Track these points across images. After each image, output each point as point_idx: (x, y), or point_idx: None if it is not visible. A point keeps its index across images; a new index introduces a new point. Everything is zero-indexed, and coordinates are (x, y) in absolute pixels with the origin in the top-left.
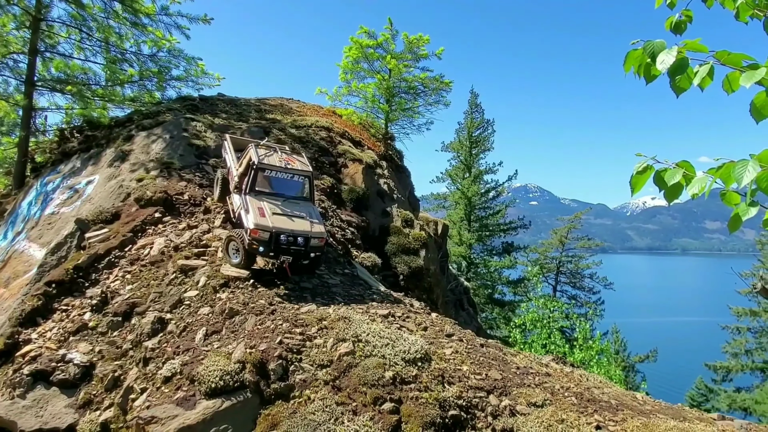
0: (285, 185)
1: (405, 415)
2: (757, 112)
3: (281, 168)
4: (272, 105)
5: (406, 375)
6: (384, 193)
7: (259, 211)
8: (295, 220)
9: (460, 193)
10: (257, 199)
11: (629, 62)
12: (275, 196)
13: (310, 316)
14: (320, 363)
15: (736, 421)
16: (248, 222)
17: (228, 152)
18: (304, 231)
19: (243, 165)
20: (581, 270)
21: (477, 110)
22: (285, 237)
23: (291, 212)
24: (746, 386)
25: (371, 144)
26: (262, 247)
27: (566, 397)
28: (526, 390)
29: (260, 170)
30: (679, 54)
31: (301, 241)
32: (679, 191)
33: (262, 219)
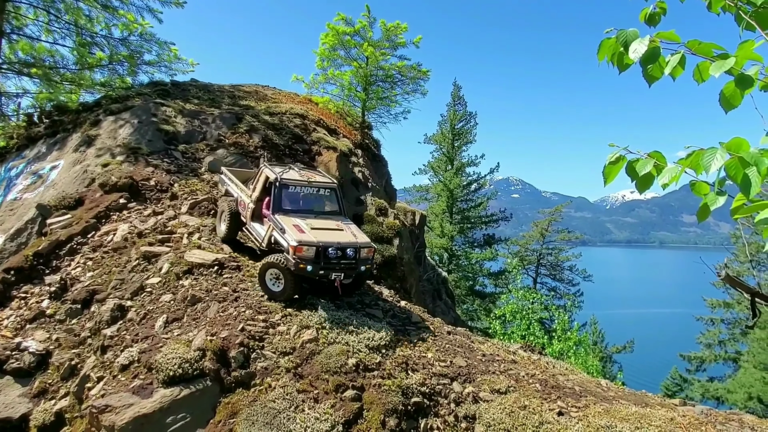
0: (312, 200)
1: (367, 403)
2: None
3: (305, 182)
4: (246, 92)
5: (369, 362)
6: (358, 182)
7: (296, 228)
8: (337, 233)
9: (443, 185)
10: (288, 217)
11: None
12: (305, 213)
13: (275, 303)
14: (283, 350)
15: (697, 406)
16: (289, 240)
17: (230, 183)
18: (352, 242)
19: (258, 188)
20: (561, 262)
21: (459, 103)
22: (333, 251)
23: (329, 226)
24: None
25: (347, 132)
26: (310, 266)
27: (530, 383)
28: (491, 377)
29: (284, 187)
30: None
31: (351, 254)
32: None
33: (302, 235)
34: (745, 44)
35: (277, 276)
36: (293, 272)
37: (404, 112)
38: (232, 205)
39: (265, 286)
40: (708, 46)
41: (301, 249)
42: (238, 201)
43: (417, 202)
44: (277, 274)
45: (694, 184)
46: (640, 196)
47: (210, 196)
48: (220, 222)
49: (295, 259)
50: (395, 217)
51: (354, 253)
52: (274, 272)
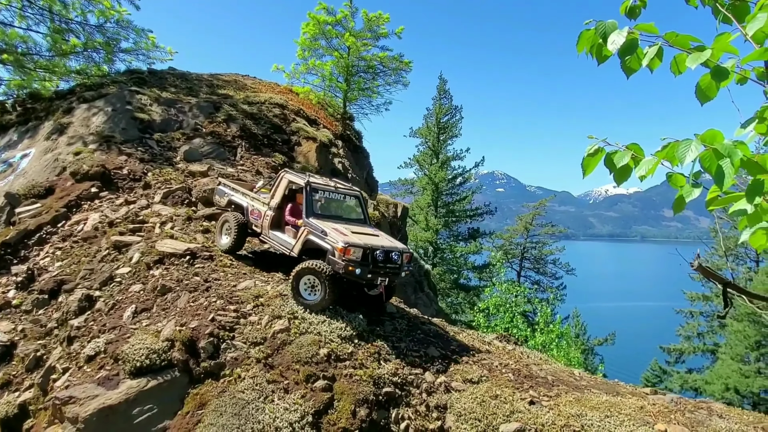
0: (339, 207)
1: (338, 393)
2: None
3: (332, 189)
4: (225, 81)
5: (341, 352)
6: (338, 173)
7: (337, 231)
8: (375, 238)
9: (428, 178)
10: (321, 221)
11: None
12: (334, 219)
13: (247, 293)
14: (254, 340)
15: (668, 395)
16: (335, 242)
17: (234, 193)
18: (394, 246)
19: (278, 194)
20: (545, 256)
21: (445, 96)
22: (381, 253)
23: (365, 231)
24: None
25: (328, 123)
26: (359, 269)
27: (503, 373)
28: (464, 367)
29: (314, 191)
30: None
31: (395, 257)
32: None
33: (348, 237)
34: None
35: (313, 284)
36: (334, 277)
37: (386, 103)
38: (239, 215)
39: (299, 295)
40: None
41: (349, 251)
42: (250, 210)
43: (402, 196)
44: (313, 282)
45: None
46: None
47: (185, 186)
48: (221, 234)
49: (344, 261)
50: (375, 208)
51: (398, 257)
52: (310, 280)
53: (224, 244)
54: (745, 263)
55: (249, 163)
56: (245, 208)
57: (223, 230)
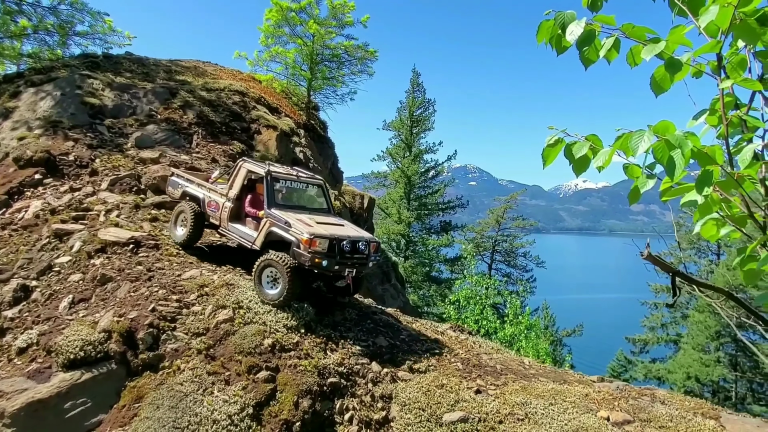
0: (302, 197)
1: (281, 384)
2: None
3: (294, 178)
4: (185, 67)
5: (286, 342)
6: (299, 162)
7: (301, 222)
8: (340, 227)
9: (400, 171)
10: (287, 212)
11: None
12: (297, 209)
13: (192, 282)
14: (196, 331)
15: (614, 383)
16: (299, 233)
17: (188, 184)
18: (361, 236)
19: (236, 184)
20: (516, 249)
21: (418, 89)
22: (348, 244)
23: (329, 221)
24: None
25: (291, 112)
26: (325, 261)
27: (452, 363)
28: (412, 356)
29: (275, 180)
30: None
31: (362, 247)
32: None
33: (313, 227)
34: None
35: (275, 277)
36: (297, 270)
37: (351, 92)
38: (195, 206)
39: (261, 288)
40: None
41: (315, 242)
42: (206, 202)
43: (375, 189)
44: (275, 275)
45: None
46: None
47: (134, 173)
48: (176, 226)
49: (309, 253)
50: (336, 198)
51: (365, 247)
52: (272, 272)
53: (179, 236)
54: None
55: (205, 151)
56: (201, 199)
57: (178, 222)
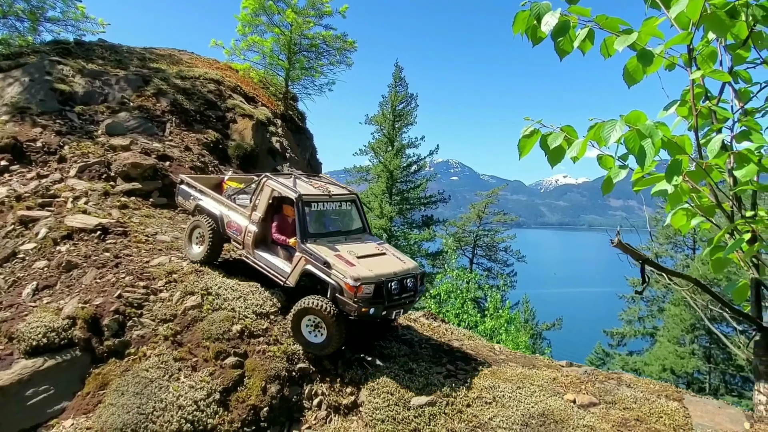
0: (336, 219)
1: (249, 370)
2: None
3: (326, 197)
4: (159, 54)
5: (255, 328)
6: (276, 152)
7: (341, 259)
8: (384, 259)
9: (383, 166)
10: (321, 246)
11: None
12: (333, 236)
13: (160, 269)
14: (163, 317)
15: (582, 367)
16: (343, 279)
17: (203, 197)
18: (406, 269)
19: (261, 206)
20: (497, 243)
21: (401, 84)
22: (396, 284)
23: (369, 251)
24: (638, 350)
25: (268, 102)
26: (373, 309)
27: (423, 348)
28: (384, 342)
29: (306, 205)
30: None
31: (410, 284)
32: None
33: (356, 269)
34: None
35: (316, 324)
36: (342, 316)
37: (329, 83)
38: (211, 222)
39: (301, 336)
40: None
41: (361, 288)
42: (225, 222)
43: (357, 183)
44: (317, 322)
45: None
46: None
47: (104, 160)
48: (190, 243)
49: (356, 303)
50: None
51: (413, 284)
52: (313, 320)
53: (196, 254)
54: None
55: (179, 139)
56: (218, 217)
57: (193, 238)
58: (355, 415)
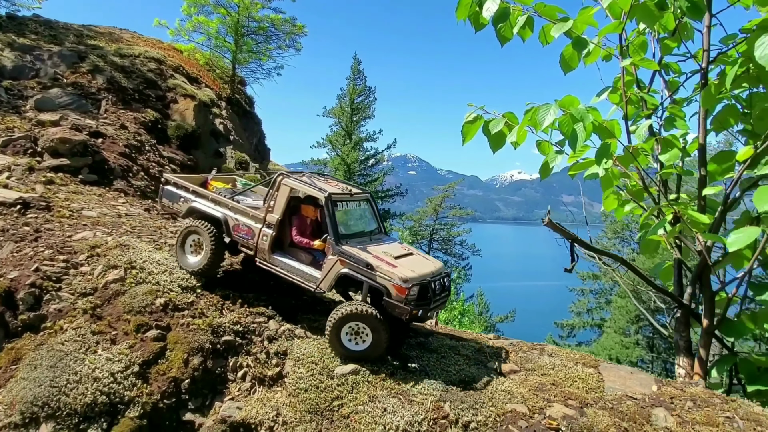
0: (358, 219)
1: (171, 342)
2: (565, 63)
3: (348, 196)
4: (99, 32)
5: (180, 302)
6: (219, 134)
7: (381, 261)
8: (415, 259)
9: (340, 159)
10: (355, 247)
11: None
12: (359, 237)
13: (83, 243)
14: (83, 291)
15: (509, 340)
16: (389, 279)
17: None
18: (440, 269)
19: (278, 206)
20: (452, 237)
21: (359, 77)
22: (439, 284)
23: (398, 252)
24: (586, 341)
25: (214, 84)
26: (421, 310)
27: None
28: (312, 315)
29: (335, 205)
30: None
31: (447, 284)
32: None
33: (400, 270)
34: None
35: (358, 331)
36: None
37: (278, 67)
38: (211, 228)
39: (341, 345)
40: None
41: (405, 290)
42: (231, 225)
43: None
44: (359, 329)
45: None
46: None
47: (30, 134)
48: (184, 252)
49: (407, 305)
50: (257, 171)
51: (449, 283)
52: (354, 327)
53: (193, 264)
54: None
55: (114, 117)
56: (222, 220)
57: (187, 246)
58: (280, 386)
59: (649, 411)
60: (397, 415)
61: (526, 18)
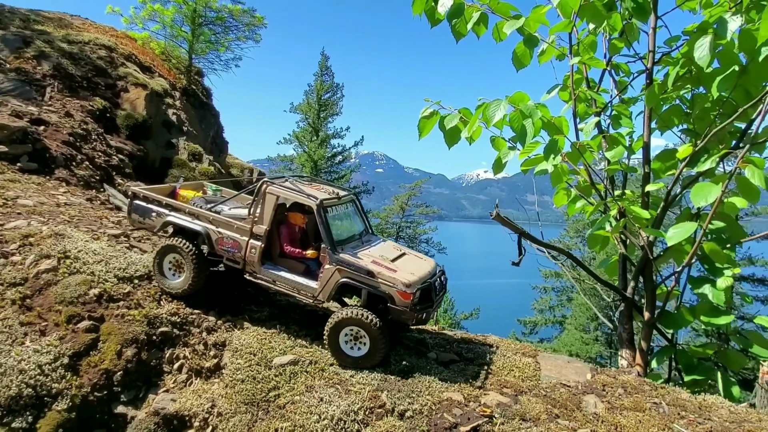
0: (345, 223)
1: (105, 334)
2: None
3: (337, 200)
4: (47, 17)
5: (116, 293)
6: (172, 125)
7: (380, 266)
8: (411, 260)
9: (307, 155)
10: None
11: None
12: (351, 242)
13: (15, 233)
14: (12, 281)
15: (456, 332)
16: (391, 284)
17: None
18: (435, 268)
19: (266, 216)
20: (419, 235)
21: (327, 73)
22: (439, 285)
23: (392, 254)
24: (548, 337)
25: (169, 75)
26: (424, 314)
27: (296, 312)
28: (254, 306)
29: (326, 211)
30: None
31: (444, 281)
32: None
33: (401, 274)
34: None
35: (357, 335)
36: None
37: (236, 58)
38: (189, 246)
39: (340, 351)
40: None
41: (408, 295)
42: (215, 240)
43: (281, 172)
44: (358, 334)
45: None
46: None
47: None
48: (162, 273)
49: (413, 311)
50: (210, 163)
51: (445, 280)
52: (353, 331)
53: (176, 286)
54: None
55: (59, 105)
56: (204, 235)
57: (165, 266)
58: (218, 378)
59: (580, 398)
60: (333, 405)
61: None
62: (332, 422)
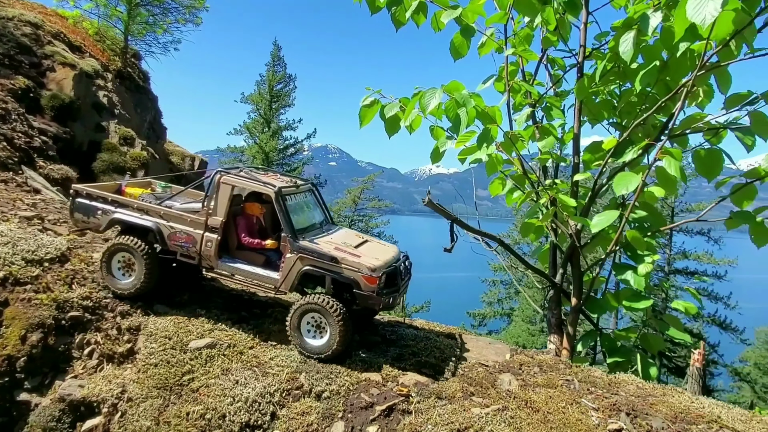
0: (307, 211)
1: (8, 318)
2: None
3: (295, 189)
4: None
5: (23, 276)
6: (102, 107)
7: (344, 252)
8: (374, 246)
9: (258, 147)
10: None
11: None
12: (312, 230)
13: None
14: None
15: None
16: (356, 269)
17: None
18: (398, 253)
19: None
20: (371, 228)
21: (279, 63)
22: (404, 269)
23: (354, 240)
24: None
25: (103, 56)
26: (391, 298)
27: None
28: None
29: (285, 199)
30: None
31: (409, 266)
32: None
33: (366, 260)
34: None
35: (319, 323)
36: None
37: (174, 41)
38: (140, 243)
39: (303, 340)
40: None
41: (374, 279)
42: (167, 235)
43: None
44: (320, 321)
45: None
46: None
47: None
48: (110, 273)
49: (380, 295)
50: (143, 148)
51: (410, 265)
52: (315, 318)
53: (126, 286)
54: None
55: None
56: (156, 231)
57: (113, 266)
58: (130, 363)
59: (496, 376)
60: (248, 387)
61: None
62: (246, 404)
